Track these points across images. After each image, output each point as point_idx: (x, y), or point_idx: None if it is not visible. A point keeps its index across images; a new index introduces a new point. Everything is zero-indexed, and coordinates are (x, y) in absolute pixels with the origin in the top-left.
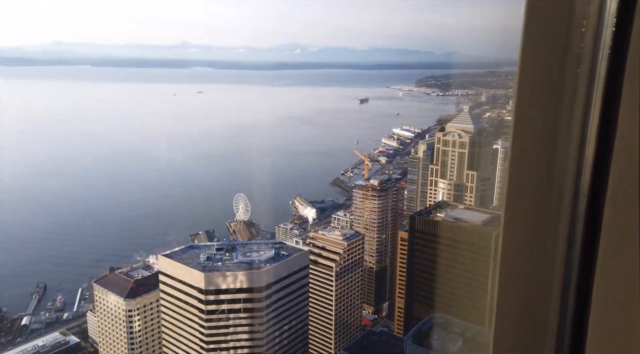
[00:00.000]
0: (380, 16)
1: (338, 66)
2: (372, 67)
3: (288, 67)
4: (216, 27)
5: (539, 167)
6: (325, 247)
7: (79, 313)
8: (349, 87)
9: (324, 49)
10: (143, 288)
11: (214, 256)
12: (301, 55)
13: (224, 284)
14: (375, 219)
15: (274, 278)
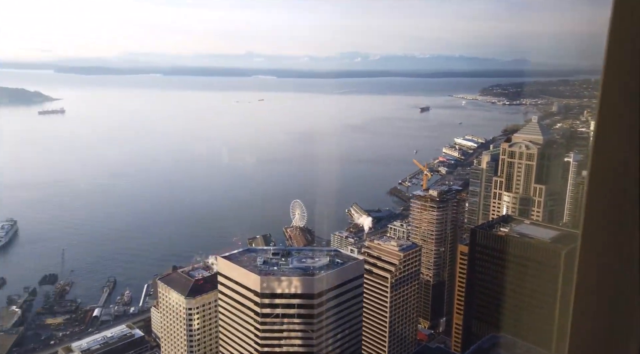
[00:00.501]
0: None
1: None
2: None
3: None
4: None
5: (621, 182)
6: (380, 258)
7: (143, 308)
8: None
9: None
10: (203, 287)
11: (270, 260)
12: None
13: (279, 289)
14: (433, 231)
15: (328, 286)
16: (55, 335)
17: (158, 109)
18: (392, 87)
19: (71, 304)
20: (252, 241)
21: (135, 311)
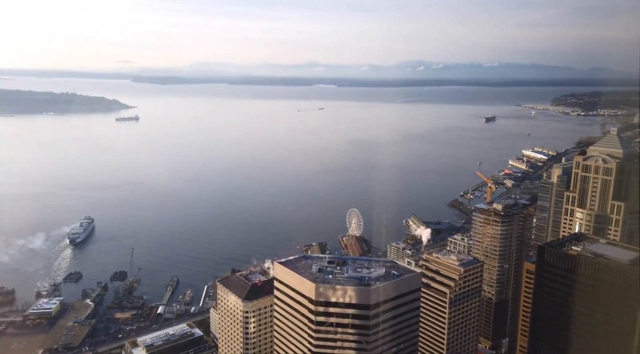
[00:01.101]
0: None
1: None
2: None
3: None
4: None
5: None
6: (439, 271)
7: (203, 309)
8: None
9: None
10: (259, 291)
11: (326, 268)
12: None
13: (334, 297)
14: (497, 247)
15: (383, 297)
16: (123, 329)
17: (224, 117)
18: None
19: (138, 300)
20: (308, 248)
21: (196, 311)
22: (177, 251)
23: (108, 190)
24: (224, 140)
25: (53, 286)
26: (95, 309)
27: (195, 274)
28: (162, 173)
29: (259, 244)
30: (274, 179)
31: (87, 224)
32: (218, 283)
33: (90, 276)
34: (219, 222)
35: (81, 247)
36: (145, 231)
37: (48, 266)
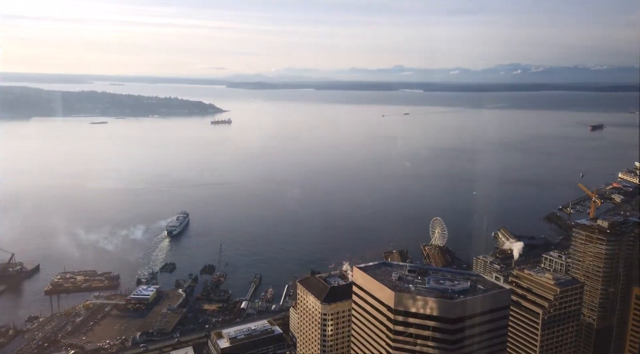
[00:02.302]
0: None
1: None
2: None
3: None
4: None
5: None
6: (531, 290)
7: (283, 307)
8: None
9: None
10: (338, 295)
11: (406, 277)
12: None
13: (414, 308)
14: (600, 268)
15: (468, 312)
16: (210, 320)
17: (309, 121)
18: (557, 102)
19: (224, 294)
20: (388, 255)
21: (276, 309)
22: (261, 249)
23: (202, 188)
24: (310, 143)
25: (151, 274)
26: (186, 299)
27: (276, 272)
28: (251, 174)
29: (339, 247)
30: (356, 183)
31: (183, 218)
32: (298, 283)
33: (183, 267)
34: (302, 223)
35: (176, 239)
36: (234, 228)
37: (147, 256)
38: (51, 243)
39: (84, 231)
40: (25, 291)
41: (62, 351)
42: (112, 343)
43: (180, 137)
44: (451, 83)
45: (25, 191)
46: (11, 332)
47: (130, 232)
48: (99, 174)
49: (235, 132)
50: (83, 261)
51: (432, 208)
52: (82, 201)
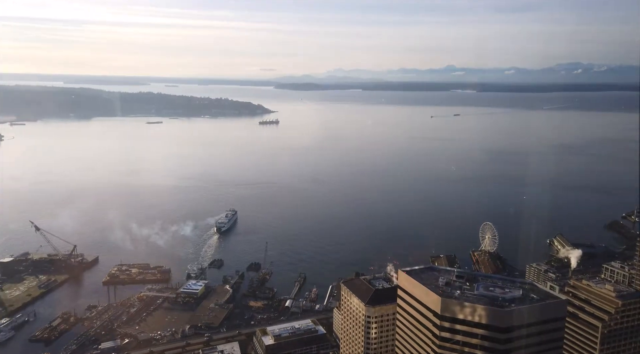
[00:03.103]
0: None
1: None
2: None
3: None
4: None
5: None
6: (590, 301)
7: (327, 307)
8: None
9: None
10: (382, 297)
11: (453, 283)
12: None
13: (461, 314)
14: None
15: (519, 322)
16: (255, 317)
17: (356, 121)
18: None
19: (269, 292)
20: (435, 260)
21: (320, 309)
22: (306, 249)
23: (250, 187)
24: (355, 144)
25: (200, 270)
26: (232, 295)
27: (320, 273)
28: (297, 174)
29: (383, 249)
30: (404, 185)
31: (232, 216)
32: (342, 285)
33: (230, 264)
34: (346, 224)
35: (225, 236)
36: (280, 227)
37: (196, 252)
38: (108, 236)
39: (137, 225)
40: (85, 281)
41: (117, 339)
42: (162, 334)
43: (229, 137)
44: (506, 83)
45: (86, 187)
46: (72, 319)
47: (180, 228)
48: (152, 172)
49: (283, 132)
50: (136, 254)
51: (482, 213)
52: (136, 196)
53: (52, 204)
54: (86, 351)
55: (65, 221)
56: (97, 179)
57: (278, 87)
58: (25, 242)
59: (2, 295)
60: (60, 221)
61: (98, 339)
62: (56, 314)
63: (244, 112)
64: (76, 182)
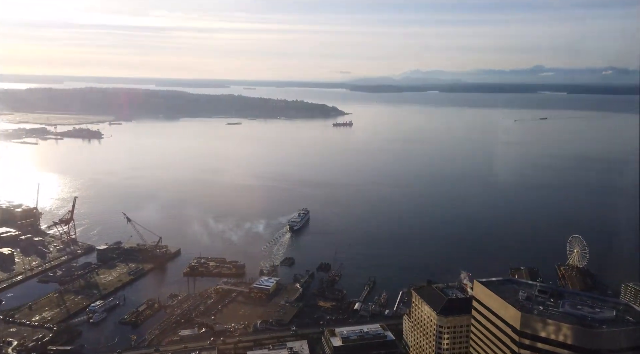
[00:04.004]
0: None
1: None
2: None
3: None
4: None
5: None
6: None
7: (397, 313)
8: None
9: None
10: (456, 308)
11: (535, 298)
12: None
13: (543, 332)
14: None
15: (611, 345)
16: (324, 317)
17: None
18: None
19: (338, 293)
20: (515, 272)
21: (389, 314)
22: (377, 252)
23: (322, 187)
24: (429, 147)
25: (272, 267)
26: (302, 294)
27: (390, 277)
28: (370, 176)
29: (457, 257)
30: (480, 190)
31: (304, 215)
32: (413, 292)
33: (301, 263)
34: (419, 229)
35: (297, 235)
36: (351, 229)
37: (269, 249)
38: (188, 230)
39: (214, 221)
40: (168, 271)
41: (195, 328)
42: (236, 327)
43: (303, 138)
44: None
45: (170, 182)
46: (156, 305)
47: (253, 225)
48: (229, 170)
49: (356, 134)
50: (213, 249)
51: (568, 224)
52: (214, 193)
53: (140, 198)
54: (167, 337)
55: (151, 214)
56: (180, 175)
57: (352, 89)
58: (118, 232)
59: (98, 279)
60: (147, 213)
61: (178, 327)
62: (142, 300)
63: (319, 114)
64: (162, 178)
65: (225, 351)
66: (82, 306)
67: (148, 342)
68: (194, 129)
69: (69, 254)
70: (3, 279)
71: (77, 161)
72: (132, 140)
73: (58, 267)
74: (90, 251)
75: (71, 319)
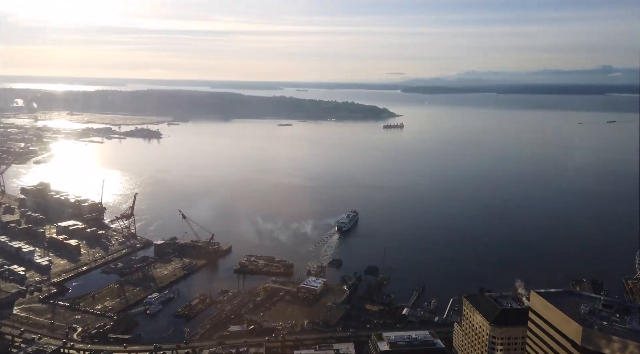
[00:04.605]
0: None
1: None
2: None
3: None
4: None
5: None
6: None
7: (447, 321)
8: None
9: None
10: (510, 318)
11: (599, 312)
12: None
13: (607, 349)
14: None
15: None
16: (370, 320)
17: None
18: None
19: (386, 297)
20: (577, 285)
21: (439, 321)
22: (426, 258)
23: (371, 190)
24: (484, 150)
25: (320, 267)
26: (349, 296)
27: (440, 284)
28: (420, 179)
29: (513, 265)
30: (537, 197)
31: (353, 216)
32: (465, 299)
33: (348, 265)
34: (472, 235)
35: (345, 236)
36: (400, 233)
37: (317, 250)
38: (238, 228)
39: (263, 220)
40: (220, 267)
41: (244, 324)
42: (284, 325)
43: (353, 140)
44: None
45: (222, 181)
46: (207, 300)
47: (300, 225)
48: (279, 170)
49: (407, 136)
50: (262, 247)
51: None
52: (263, 193)
53: (195, 195)
54: (217, 332)
55: (204, 211)
56: (232, 174)
57: (405, 91)
58: (174, 228)
59: (154, 273)
60: (200, 210)
61: (228, 322)
62: (195, 294)
63: (369, 116)
64: (214, 176)
65: (272, 349)
66: (139, 298)
67: (200, 335)
68: (246, 129)
69: (129, 247)
70: (70, 268)
71: (138, 159)
72: (188, 140)
73: (119, 259)
74: (148, 246)
75: (129, 310)
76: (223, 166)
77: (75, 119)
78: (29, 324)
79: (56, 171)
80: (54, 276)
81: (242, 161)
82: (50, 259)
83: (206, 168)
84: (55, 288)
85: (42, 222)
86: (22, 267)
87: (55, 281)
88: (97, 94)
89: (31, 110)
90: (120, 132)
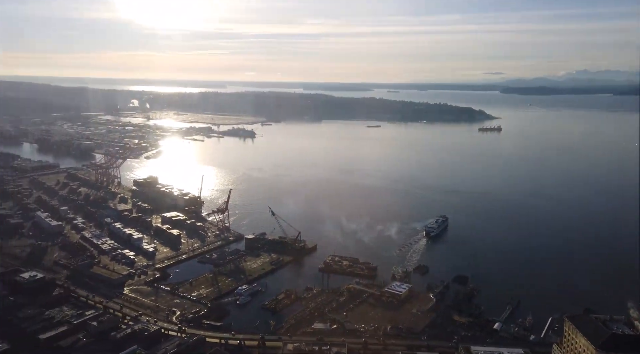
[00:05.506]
0: None
1: None
2: None
3: None
4: None
5: None
6: None
7: (544, 341)
8: None
9: None
10: (621, 345)
11: None
12: None
13: None
14: None
15: None
16: (458, 332)
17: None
18: None
19: (476, 308)
20: None
21: (535, 340)
22: (522, 271)
23: (462, 195)
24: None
25: (405, 272)
26: (436, 304)
27: (537, 300)
28: (517, 186)
29: (626, 286)
30: None
31: (442, 222)
32: (567, 319)
33: (435, 272)
34: (576, 248)
35: (432, 242)
36: (492, 241)
37: (402, 254)
38: (323, 227)
39: (347, 220)
40: (305, 265)
41: (327, 323)
42: (366, 328)
43: (444, 143)
44: None
45: (309, 181)
46: (293, 296)
47: (385, 228)
48: (365, 172)
49: (505, 140)
50: (345, 248)
51: None
52: (348, 193)
53: (284, 193)
54: (302, 328)
55: (292, 209)
56: (319, 174)
57: (504, 92)
58: (264, 224)
59: (245, 265)
60: (288, 208)
61: (312, 319)
62: (281, 289)
63: (463, 118)
64: (302, 176)
65: (355, 351)
66: (231, 288)
67: (285, 329)
68: (334, 130)
69: (223, 240)
70: (172, 256)
71: (233, 157)
72: (280, 139)
73: (213, 250)
74: (239, 239)
75: (222, 299)
76: (311, 165)
77: (181, 119)
78: (136, 304)
79: (163, 166)
80: (158, 262)
81: (329, 161)
82: (156, 246)
83: (296, 167)
84: (159, 273)
85: (150, 212)
86: (132, 252)
87: (159, 267)
88: (199, 95)
89: (144, 110)
90: (219, 131)
